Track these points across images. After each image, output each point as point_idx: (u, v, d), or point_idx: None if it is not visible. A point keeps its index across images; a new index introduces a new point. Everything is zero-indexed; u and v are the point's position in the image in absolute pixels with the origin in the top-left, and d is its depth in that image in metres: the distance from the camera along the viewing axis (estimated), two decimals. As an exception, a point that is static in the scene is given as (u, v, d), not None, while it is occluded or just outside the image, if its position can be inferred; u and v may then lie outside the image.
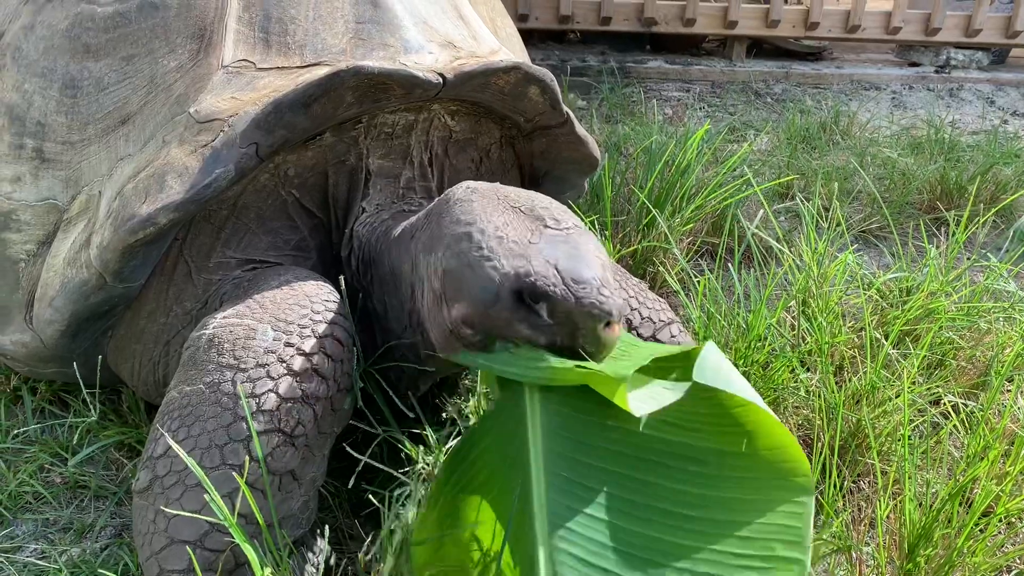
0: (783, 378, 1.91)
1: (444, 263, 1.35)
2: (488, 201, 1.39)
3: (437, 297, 1.38)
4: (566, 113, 1.97)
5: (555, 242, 1.29)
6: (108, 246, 1.56)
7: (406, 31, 1.74)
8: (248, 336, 1.40)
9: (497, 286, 1.25)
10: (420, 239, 1.50)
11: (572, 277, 1.23)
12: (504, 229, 1.31)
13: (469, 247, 1.30)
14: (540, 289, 1.22)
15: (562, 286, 1.22)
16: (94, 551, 1.67)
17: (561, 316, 1.23)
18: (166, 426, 1.36)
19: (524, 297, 1.24)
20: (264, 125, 1.54)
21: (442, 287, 1.36)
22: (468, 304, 1.29)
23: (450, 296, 1.34)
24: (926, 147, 4.07)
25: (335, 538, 1.61)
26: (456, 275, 1.31)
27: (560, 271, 1.23)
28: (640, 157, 3.17)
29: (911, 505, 1.48)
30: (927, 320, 2.14)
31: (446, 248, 1.35)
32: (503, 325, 1.27)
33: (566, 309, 1.22)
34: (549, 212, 1.37)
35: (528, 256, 1.26)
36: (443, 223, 1.40)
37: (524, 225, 1.33)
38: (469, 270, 1.28)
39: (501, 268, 1.25)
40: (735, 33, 6.05)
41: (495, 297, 1.25)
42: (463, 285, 1.30)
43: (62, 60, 1.72)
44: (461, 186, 1.48)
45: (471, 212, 1.36)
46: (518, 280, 1.24)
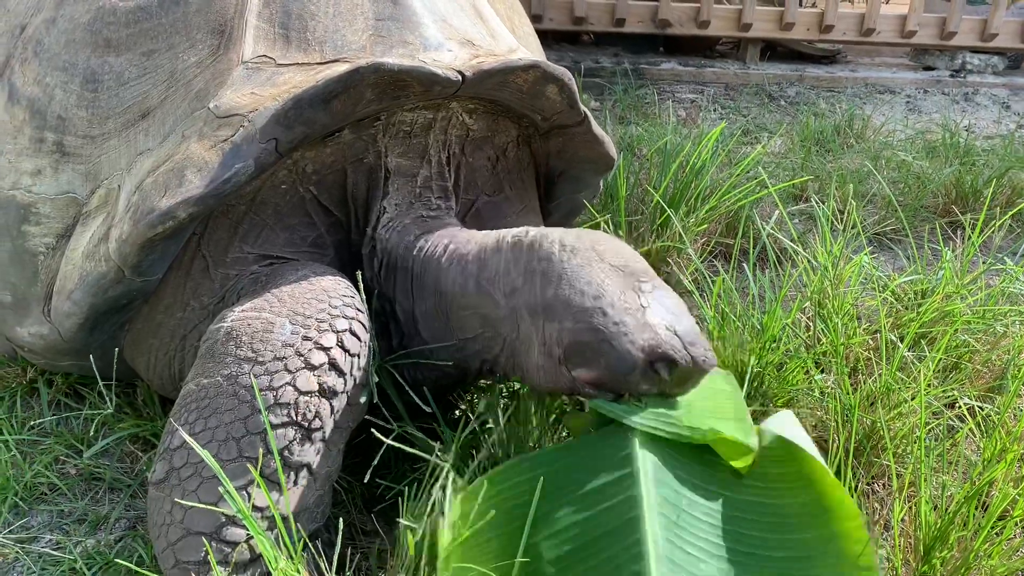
0: (797, 379, 1.91)
1: (575, 335, 1.43)
2: (595, 264, 1.49)
3: (555, 359, 1.47)
4: (584, 112, 1.97)
5: (658, 303, 1.44)
6: (127, 240, 1.56)
7: (425, 28, 1.74)
8: (266, 329, 1.41)
9: (635, 359, 1.36)
10: (514, 290, 1.55)
11: (688, 341, 1.38)
12: (622, 298, 1.42)
13: (604, 323, 1.40)
14: (671, 359, 1.35)
15: (684, 352, 1.36)
16: (108, 542, 1.68)
17: (679, 374, 1.37)
18: (183, 418, 1.37)
19: (654, 364, 1.36)
20: (284, 121, 1.54)
21: (566, 354, 1.45)
22: (602, 372, 1.41)
23: (577, 362, 1.44)
24: (941, 151, 4.05)
25: (348, 532, 1.61)
26: (592, 348, 1.40)
27: (679, 336, 1.38)
28: (654, 158, 3.17)
29: (927, 507, 1.47)
30: (942, 323, 2.13)
31: (576, 321, 1.43)
32: (632, 387, 1.40)
33: (686, 370, 1.37)
34: (638, 266, 1.51)
35: (652, 327, 1.38)
36: (557, 290, 1.48)
37: (630, 288, 1.45)
38: (608, 345, 1.38)
39: (637, 343, 1.37)
40: (749, 35, 6.04)
41: (632, 368, 1.37)
42: (599, 357, 1.40)
43: (83, 54, 1.73)
44: (553, 240, 1.55)
45: (590, 282, 1.45)
46: (653, 352, 1.36)
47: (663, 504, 1.29)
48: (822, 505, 1.30)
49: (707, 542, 1.28)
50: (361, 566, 1.57)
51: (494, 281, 1.57)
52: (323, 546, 1.46)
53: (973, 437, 1.85)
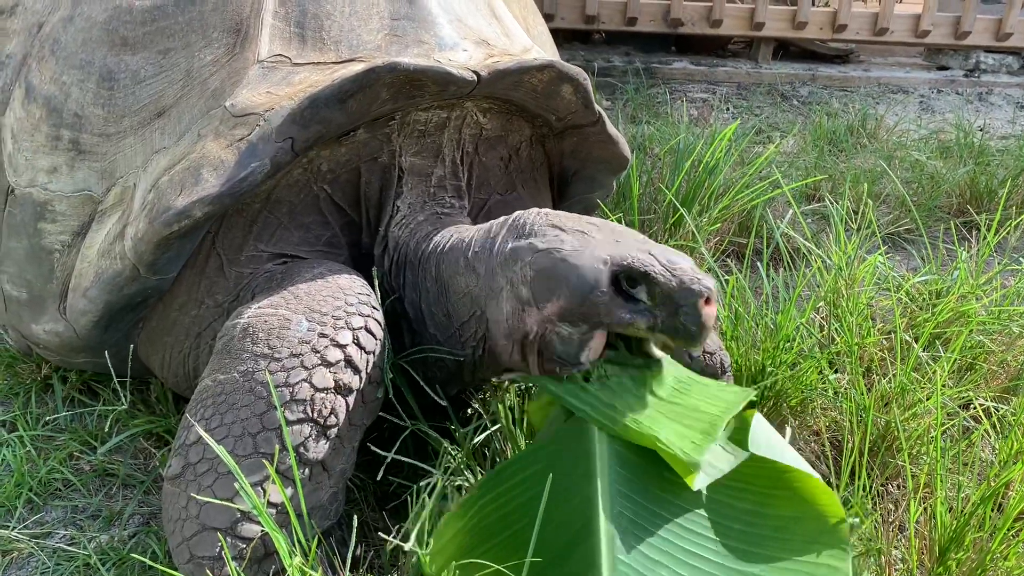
0: (811, 379, 1.90)
1: (534, 265, 1.38)
2: (567, 218, 1.45)
3: (523, 302, 1.41)
4: (598, 112, 1.97)
5: (641, 241, 1.36)
6: (143, 238, 1.57)
7: (441, 28, 1.74)
8: (283, 326, 1.42)
9: (596, 271, 1.29)
10: (494, 255, 1.53)
11: (668, 259, 1.28)
12: (592, 235, 1.37)
13: (561, 245, 1.35)
14: (640, 270, 1.27)
15: (661, 266, 1.26)
16: (122, 538, 1.69)
17: (662, 296, 1.27)
18: (199, 414, 1.38)
19: (623, 282, 1.28)
20: (300, 120, 1.55)
21: (531, 291, 1.39)
22: (566, 297, 1.32)
23: (542, 296, 1.37)
24: (955, 151, 4.03)
25: (360, 530, 1.62)
26: (550, 272, 1.35)
27: (655, 255, 1.29)
28: (666, 157, 3.17)
29: (942, 508, 1.47)
30: (958, 323, 2.12)
31: (535, 252, 1.39)
32: (603, 312, 1.31)
33: (667, 288, 1.26)
34: (624, 229, 1.45)
35: (621, 247, 1.31)
36: (524, 239, 1.45)
37: (607, 234, 1.39)
38: (564, 263, 1.33)
39: (599, 255, 1.30)
40: (762, 35, 6.02)
41: (594, 283, 1.29)
42: (559, 279, 1.33)
43: (100, 52, 1.74)
44: (533, 211, 1.54)
45: (554, 226, 1.42)
46: (617, 263, 1.28)
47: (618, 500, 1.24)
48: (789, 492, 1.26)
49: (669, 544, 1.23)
50: (374, 564, 1.57)
51: (480, 254, 1.57)
52: (336, 544, 1.46)
53: (988, 438, 1.84)
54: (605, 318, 1.31)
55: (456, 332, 1.64)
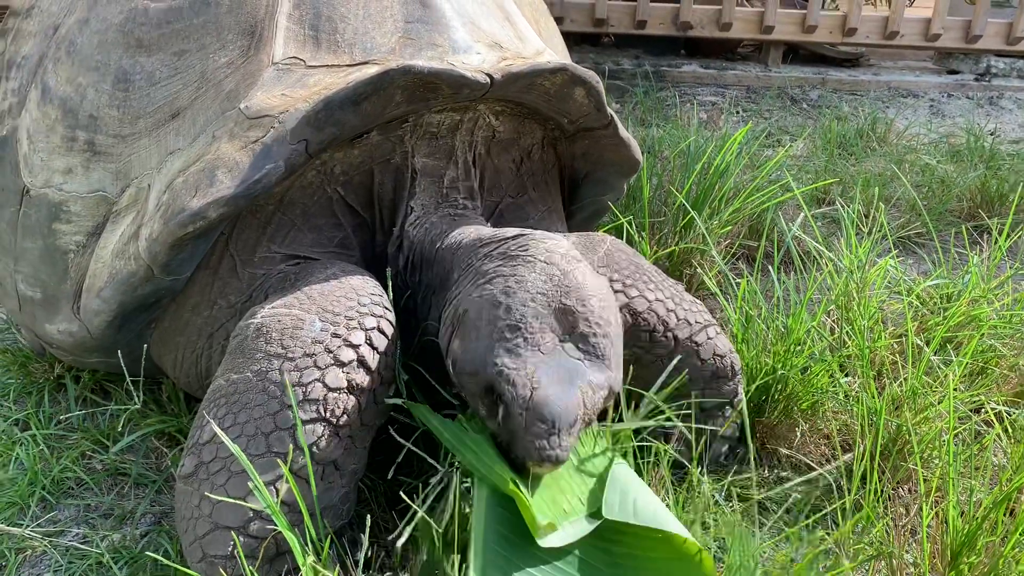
0: (822, 382, 1.90)
1: (470, 305, 1.41)
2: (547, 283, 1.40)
3: (449, 323, 1.47)
4: (610, 115, 1.97)
5: (559, 366, 1.31)
6: (157, 239, 1.58)
7: (454, 31, 1.75)
8: (296, 326, 1.42)
9: (481, 367, 1.33)
10: (468, 267, 1.55)
11: (540, 411, 1.25)
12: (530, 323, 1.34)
13: (493, 317, 1.36)
14: (507, 400, 1.28)
15: (523, 408, 1.25)
16: (134, 537, 1.70)
17: (510, 429, 1.29)
18: (212, 413, 1.38)
19: (493, 391, 1.31)
20: (315, 122, 1.56)
21: (455, 317, 1.44)
22: (460, 353, 1.39)
23: (457, 331, 1.43)
24: (965, 155, 4.02)
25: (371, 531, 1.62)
26: (468, 325, 1.39)
27: (533, 396, 1.26)
28: (676, 160, 3.17)
29: (954, 512, 1.46)
30: (969, 327, 2.12)
31: (479, 296, 1.41)
32: (468, 393, 1.38)
33: (516, 429, 1.28)
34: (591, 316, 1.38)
35: (524, 364, 1.30)
36: (502, 268, 1.45)
37: (552, 329, 1.35)
38: (476, 335, 1.36)
39: (495, 355, 1.31)
40: (771, 38, 6.02)
41: (475, 374, 1.34)
42: (467, 339, 1.38)
43: (115, 54, 1.75)
44: (544, 244, 1.50)
45: (527, 286, 1.39)
46: (498, 377, 1.30)
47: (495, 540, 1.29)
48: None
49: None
50: (384, 564, 1.58)
51: (461, 259, 1.59)
52: (348, 544, 1.47)
53: (1000, 442, 1.84)
54: (469, 397, 1.40)
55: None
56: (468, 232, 1.70)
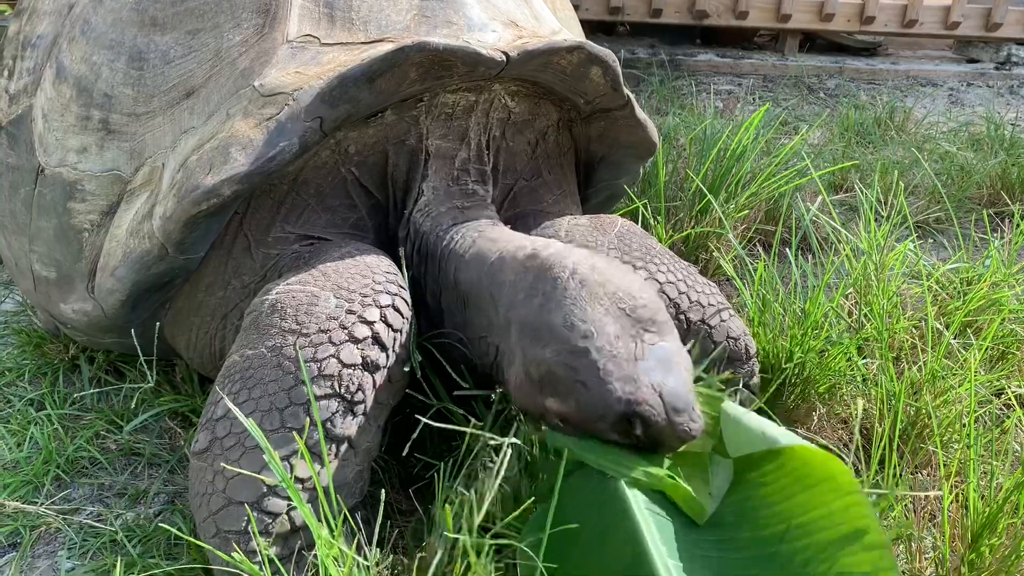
0: (840, 365, 1.88)
1: (554, 367, 1.36)
2: (597, 300, 1.39)
3: (533, 382, 1.40)
4: (627, 95, 1.95)
5: (655, 358, 1.34)
6: (171, 217, 1.58)
7: (469, 9, 1.73)
8: (311, 302, 1.42)
9: (607, 407, 1.29)
10: (513, 304, 1.48)
11: (673, 406, 1.29)
12: (615, 344, 1.34)
13: (586, 364, 1.32)
14: (646, 418, 1.28)
15: (663, 416, 1.28)
16: (148, 516, 1.70)
17: (653, 436, 1.30)
18: (227, 389, 1.38)
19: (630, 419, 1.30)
20: (329, 99, 1.54)
21: (541, 380, 1.38)
22: (572, 410, 1.34)
23: (550, 391, 1.37)
24: (985, 143, 3.98)
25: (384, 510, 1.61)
26: (567, 384, 1.34)
27: (663, 399, 1.29)
28: (692, 146, 3.15)
29: (975, 494, 1.44)
30: (989, 311, 2.09)
31: (556, 353, 1.35)
32: (599, 432, 1.33)
33: (660, 433, 1.29)
34: (648, 311, 1.41)
35: (638, 380, 1.30)
36: (550, 315, 1.40)
37: (629, 334, 1.36)
38: (583, 387, 1.31)
39: (614, 393, 1.29)
40: (788, 27, 5.97)
41: (603, 417, 1.30)
42: (572, 395, 1.33)
43: (130, 33, 1.74)
44: (567, 264, 1.45)
45: (585, 317, 1.37)
46: (628, 406, 1.28)
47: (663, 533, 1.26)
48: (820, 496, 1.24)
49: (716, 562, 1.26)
50: (398, 543, 1.57)
51: (501, 288, 1.53)
52: (361, 522, 1.46)
53: (1022, 426, 1.82)
54: (599, 435, 1.34)
55: (469, 339, 1.64)
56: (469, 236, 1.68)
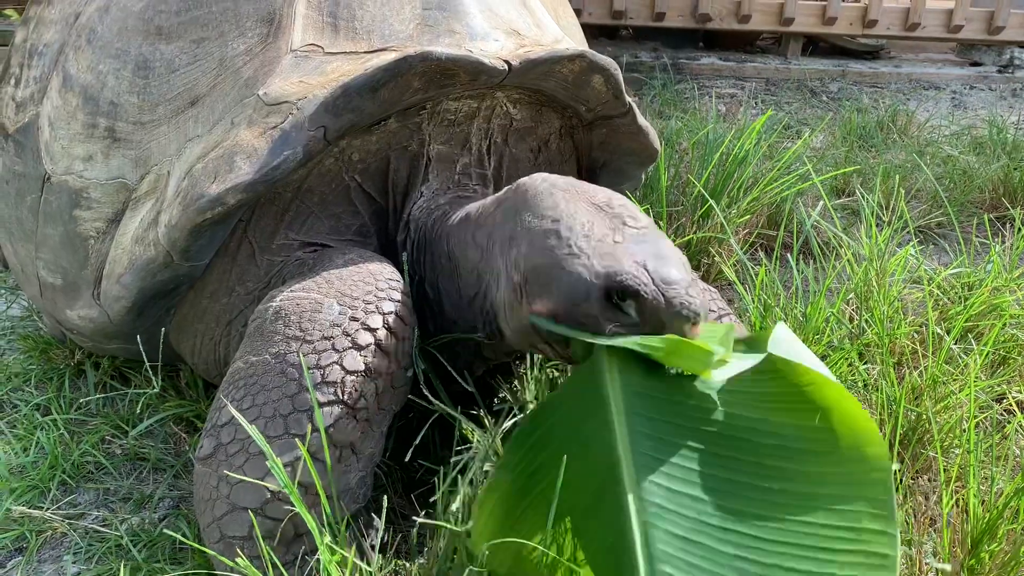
0: (841, 371, 1.89)
1: (529, 259, 1.36)
2: (570, 196, 1.40)
3: (517, 290, 1.40)
4: (628, 103, 1.97)
5: (639, 241, 1.32)
6: (176, 225, 1.59)
7: (472, 18, 1.75)
8: (314, 309, 1.43)
9: (588, 284, 1.27)
10: (494, 230, 1.51)
11: (661, 278, 1.25)
12: (589, 227, 1.33)
13: (558, 243, 1.32)
14: (631, 288, 1.24)
15: (652, 286, 1.24)
16: (153, 521, 1.71)
17: (649, 315, 1.25)
18: (231, 395, 1.39)
19: (613, 296, 1.26)
20: (333, 108, 1.56)
21: (524, 282, 1.37)
22: (556, 300, 1.31)
23: (534, 291, 1.35)
24: (988, 147, 3.98)
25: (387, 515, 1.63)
26: (544, 271, 1.32)
27: (649, 271, 1.26)
28: (694, 150, 3.16)
29: (975, 500, 1.45)
30: (990, 316, 2.10)
31: (531, 244, 1.36)
32: (589, 322, 1.29)
33: (655, 308, 1.24)
34: (626, 210, 1.40)
35: (616, 255, 1.28)
36: (523, 217, 1.41)
37: (605, 223, 1.35)
38: (558, 267, 1.30)
39: (592, 267, 1.27)
40: (791, 30, 5.98)
41: (585, 295, 1.27)
42: (551, 282, 1.31)
43: (135, 42, 1.76)
44: (536, 178, 1.49)
45: (556, 208, 1.38)
46: (609, 279, 1.25)
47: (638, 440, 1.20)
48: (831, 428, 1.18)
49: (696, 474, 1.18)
50: (400, 548, 1.58)
51: (483, 225, 1.55)
52: (364, 527, 1.47)
53: (1022, 431, 1.82)
54: (592, 327, 1.30)
55: (467, 308, 1.63)
56: (463, 210, 1.69)
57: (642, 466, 1.18)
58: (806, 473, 1.17)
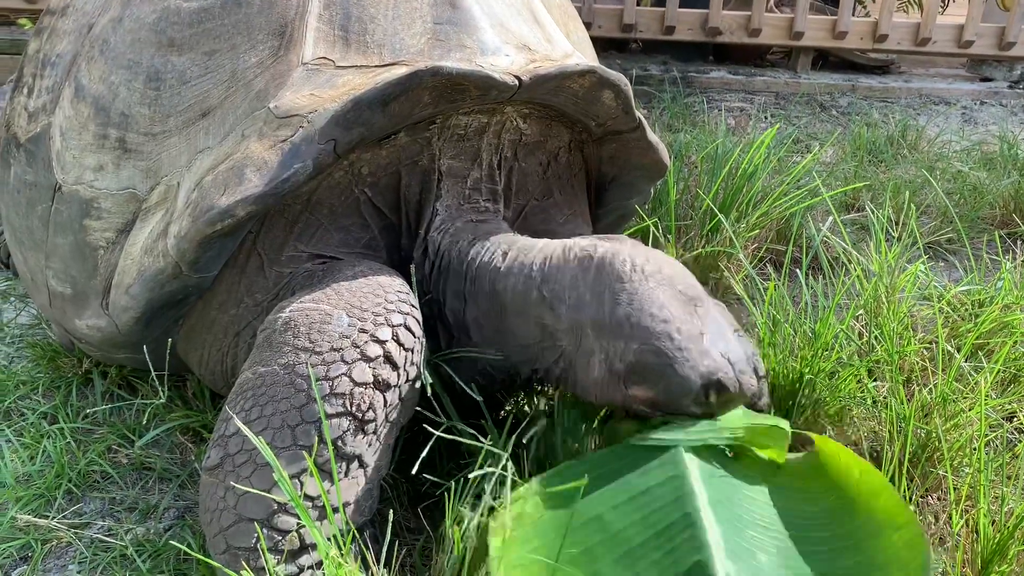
0: (850, 387, 1.88)
1: (640, 356, 1.46)
2: (661, 287, 1.53)
3: (616, 375, 1.51)
4: (638, 118, 1.97)
5: (713, 329, 1.49)
6: (185, 236, 1.59)
7: (483, 32, 1.75)
8: (324, 321, 1.43)
9: (693, 383, 1.41)
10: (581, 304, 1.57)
11: (739, 369, 1.45)
12: (687, 325, 1.47)
13: (671, 348, 1.44)
14: (725, 386, 1.42)
15: (735, 381, 1.43)
16: (158, 531, 1.71)
17: (725, 400, 1.44)
18: (239, 406, 1.39)
19: (710, 392, 1.42)
20: (343, 122, 1.56)
21: (627, 372, 1.48)
22: (660, 394, 1.45)
23: (636, 381, 1.48)
24: (999, 163, 3.96)
25: (393, 528, 1.62)
26: (655, 370, 1.45)
27: (732, 364, 1.44)
28: (703, 164, 3.15)
29: (985, 520, 1.44)
30: (1001, 334, 2.08)
31: (643, 342, 1.47)
32: (682, 409, 1.45)
33: (731, 396, 1.43)
34: (694, 289, 1.57)
35: (711, 355, 1.44)
36: (627, 309, 1.50)
37: (689, 312, 1.50)
38: (671, 370, 1.43)
39: (698, 369, 1.42)
40: (801, 44, 5.97)
41: (690, 392, 1.42)
42: (660, 380, 1.44)
43: (147, 53, 1.77)
44: (623, 257, 1.58)
45: (662, 307, 1.49)
46: (708, 378, 1.41)
47: (715, 502, 1.32)
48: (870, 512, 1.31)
49: (762, 538, 1.30)
50: (406, 562, 1.58)
51: (558, 293, 1.59)
52: (370, 541, 1.47)
53: (1033, 451, 1.81)
54: (682, 412, 1.46)
55: (512, 349, 1.68)
56: (499, 248, 1.73)
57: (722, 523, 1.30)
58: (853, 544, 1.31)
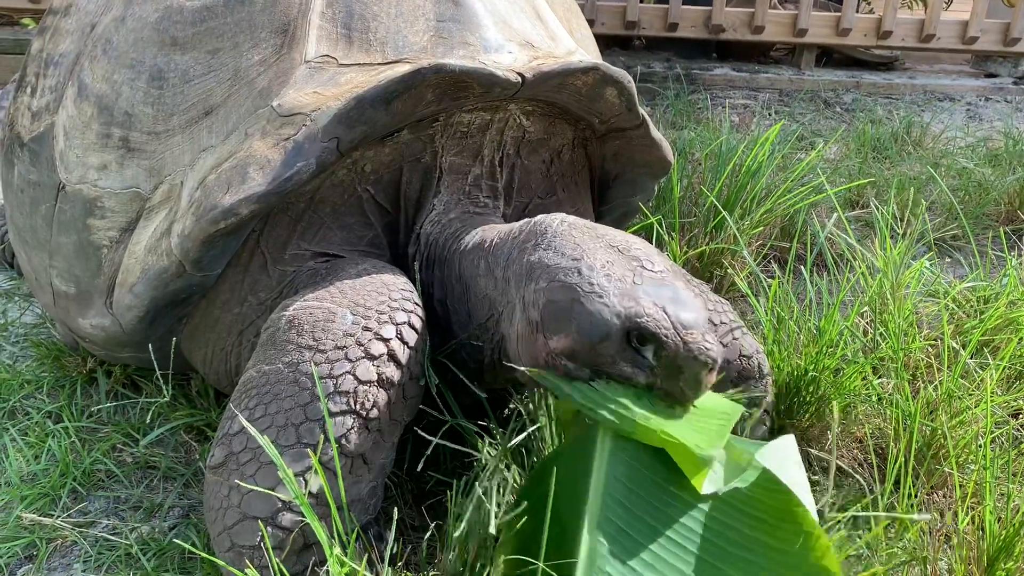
0: (855, 384, 1.88)
1: (548, 294, 1.36)
2: (588, 236, 1.41)
3: (533, 325, 1.40)
4: (642, 116, 1.96)
5: (658, 284, 1.32)
6: (189, 235, 1.59)
7: (486, 30, 1.75)
8: (328, 319, 1.43)
9: (608, 323, 1.27)
10: (509, 263, 1.52)
11: (681, 322, 1.25)
12: (609, 267, 1.33)
13: (579, 280, 1.32)
14: (651, 331, 1.25)
15: (672, 330, 1.24)
16: (163, 529, 1.71)
17: (667, 359, 1.26)
18: (243, 404, 1.39)
19: (632, 337, 1.26)
20: (346, 120, 1.56)
21: (542, 317, 1.37)
22: (574, 338, 1.31)
23: (551, 327, 1.35)
24: (1004, 159, 3.95)
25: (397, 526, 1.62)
26: (562, 308, 1.32)
27: (669, 315, 1.26)
28: (707, 161, 3.15)
29: (991, 517, 1.43)
30: (1007, 331, 2.08)
31: (551, 279, 1.36)
32: (606, 362, 1.30)
33: (673, 353, 1.24)
34: (644, 253, 1.40)
35: (637, 297, 1.28)
36: (541, 253, 1.42)
37: (624, 264, 1.36)
38: (579, 305, 1.30)
39: (613, 307, 1.27)
40: (804, 41, 5.97)
41: (605, 335, 1.27)
42: (571, 319, 1.31)
43: (150, 52, 1.77)
44: (555, 216, 1.51)
45: (576, 246, 1.38)
46: (629, 320, 1.26)
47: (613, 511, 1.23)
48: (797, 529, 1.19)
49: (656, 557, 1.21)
50: (410, 560, 1.58)
51: (498, 259, 1.56)
52: (374, 539, 1.47)
53: (1040, 448, 1.80)
54: (608, 367, 1.31)
55: (475, 332, 1.64)
56: (476, 234, 1.69)
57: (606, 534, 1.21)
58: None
